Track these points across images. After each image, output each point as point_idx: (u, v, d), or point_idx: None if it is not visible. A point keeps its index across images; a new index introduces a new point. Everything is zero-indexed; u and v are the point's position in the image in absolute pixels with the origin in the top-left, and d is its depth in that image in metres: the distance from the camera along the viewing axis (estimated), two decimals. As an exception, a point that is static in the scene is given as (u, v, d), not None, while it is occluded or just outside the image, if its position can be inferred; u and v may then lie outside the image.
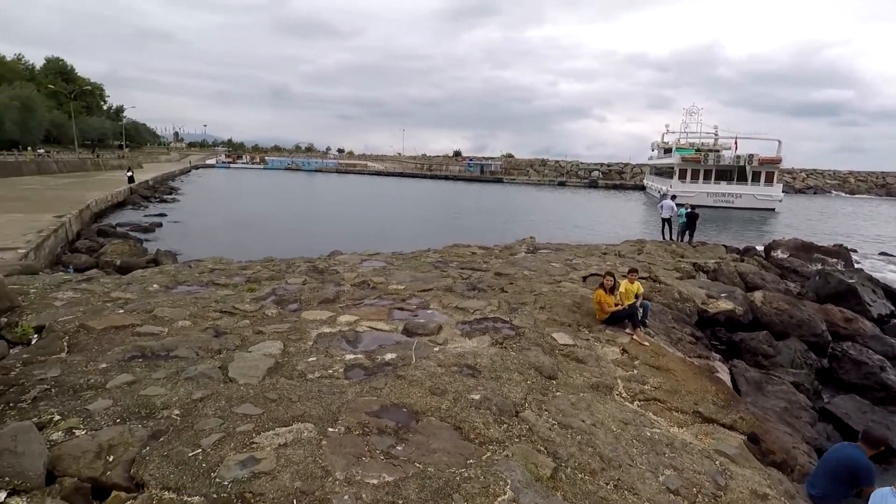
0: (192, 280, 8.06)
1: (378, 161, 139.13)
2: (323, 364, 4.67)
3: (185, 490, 2.86)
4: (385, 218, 36.88)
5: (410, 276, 8.49)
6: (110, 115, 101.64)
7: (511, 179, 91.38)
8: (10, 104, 54.36)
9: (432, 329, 5.64)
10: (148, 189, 47.46)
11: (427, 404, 3.85)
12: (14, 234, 16.53)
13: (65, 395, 4.03)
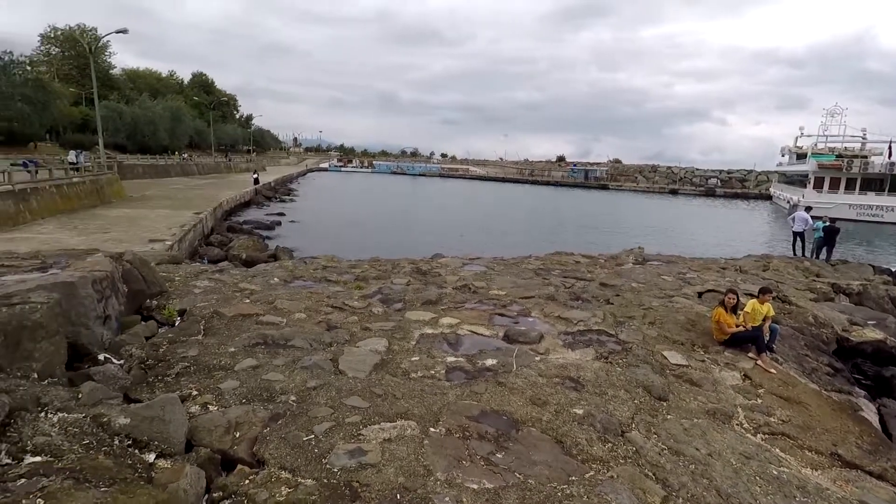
0: (308, 276, 8.65)
1: (480, 166, 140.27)
2: (425, 364, 4.78)
3: (299, 472, 3.06)
4: (485, 223, 37.03)
5: (511, 282, 8.44)
6: (241, 122, 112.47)
7: (617, 186, 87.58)
8: (163, 114, 62.20)
9: (534, 337, 5.55)
10: (270, 190, 51.81)
11: (528, 414, 3.80)
12: (162, 228, 18.86)
13: (201, 373, 4.51)
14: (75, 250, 8.19)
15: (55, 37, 63.30)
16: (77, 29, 61.42)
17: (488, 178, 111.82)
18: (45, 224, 19.10)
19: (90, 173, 27.97)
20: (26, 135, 46.95)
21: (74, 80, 60.42)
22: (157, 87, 77.03)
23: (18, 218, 19.21)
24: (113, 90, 62.47)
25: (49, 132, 52.97)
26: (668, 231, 32.07)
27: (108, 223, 19.54)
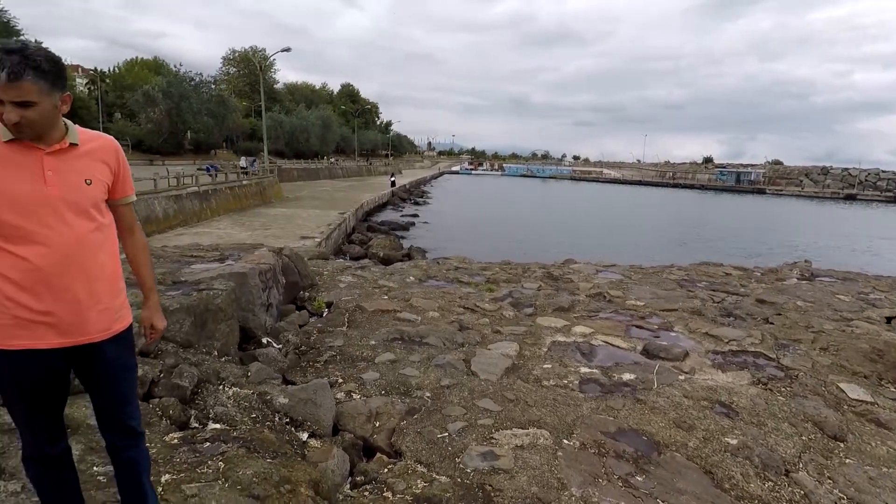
0: (440, 276, 8.94)
1: (615, 168, 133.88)
2: (558, 373, 4.66)
3: (434, 468, 3.16)
4: (620, 228, 35.28)
5: (651, 292, 7.91)
6: (381, 128, 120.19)
7: (777, 191, 77.87)
8: (315, 123, 68.72)
9: (677, 354, 5.14)
10: (405, 192, 54.65)
11: (671, 437, 3.51)
12: (312, 226, 20.81)
13: (345, 363, 4.87)
14: (244, 244, 9.36)
15: (233, 58, 73.09)
16: (250, 50, 70.40)
17: (624, 181, 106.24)
18: (221, 221, 22.15)
19: (256, 176, 31.83)
20: (209, 143, 54.94)
21: (246, 95, 69.22)
22: (311, 98, 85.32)
23: (202, 215, 22.49)
24: (276, 102, 70.45)
25: (225, 141, 61.34)
26: (844, 243, 27.78)
27: (269, 221, 22.09)
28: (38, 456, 1.82)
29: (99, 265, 1.74)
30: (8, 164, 1.55)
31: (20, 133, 1.54)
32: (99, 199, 1.76)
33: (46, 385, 1.72)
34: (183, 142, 52.10)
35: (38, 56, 1.50)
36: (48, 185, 1.60)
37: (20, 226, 1.56)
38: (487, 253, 15.51)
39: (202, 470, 2.75)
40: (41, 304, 1.61)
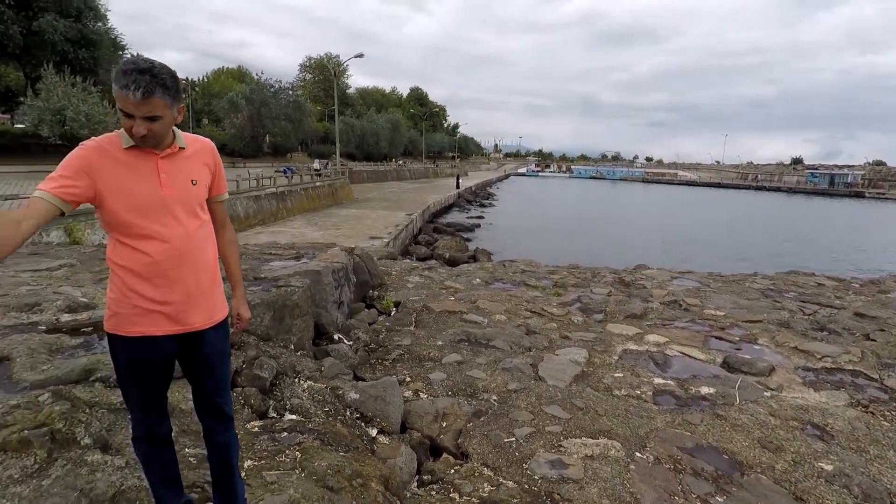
0: (507, 278, 8.88)
1: (691, 170, 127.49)
2: (630, 382, 4.50)
3: (501, 472, 3.14)
4: (696, 233, 33.58)
5: (732, 301, 7.45)
6: (448, 131, 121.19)
7: (879, 194, 71.12)
8: (384, 126, 70.44)
9: (762, 369, 4.81)
10: (471, 194, 54.77)
11: (755, 457, 3.29)
12: (380, 227, 21.33)
13: (413, 361, 4.95)
14: (318, 244, 9.74)
15: (309, 65, 76.37)
16: (325, 57, 73.29)
17: (701, 183, 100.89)
18: (296, 220, 23.20)
19: (328, 178, 33.07)
20: (286, 147, 57.70)
21: (320, 100, 72.11)
22: (381, 102, 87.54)
23: (278, 214, 23.67)
24: (348, 107, 72.94)
25: (301, 144, 64.19)
26: (956, 253, 25.04)
27: (339, 221, 22.89)
28: (148, 436, 1.99)
29: (205, 259, 1.91)
30: (129, 168, 1.71)
31: (144, 143, 1.70)
32: (202, 198, 1.93)
33: (159, 369, 1.90)
34: (262, 145, 55.08)
35: (164, 74, 1.64)
36: (163, 187, 1.76)
37: (141, 224, 1.73)
38: (554, 256, 15.23)
39: (281, 458, 2.89)
40: (158, 295, 1.78)
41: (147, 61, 1.63)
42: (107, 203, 1.68)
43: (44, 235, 11.56)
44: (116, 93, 1.61)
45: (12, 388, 2.95)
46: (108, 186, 1.68)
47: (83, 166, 1.63)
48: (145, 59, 1.64)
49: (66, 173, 1.61)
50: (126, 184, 1.70)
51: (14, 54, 31.75)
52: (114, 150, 1.70)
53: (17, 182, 20.58)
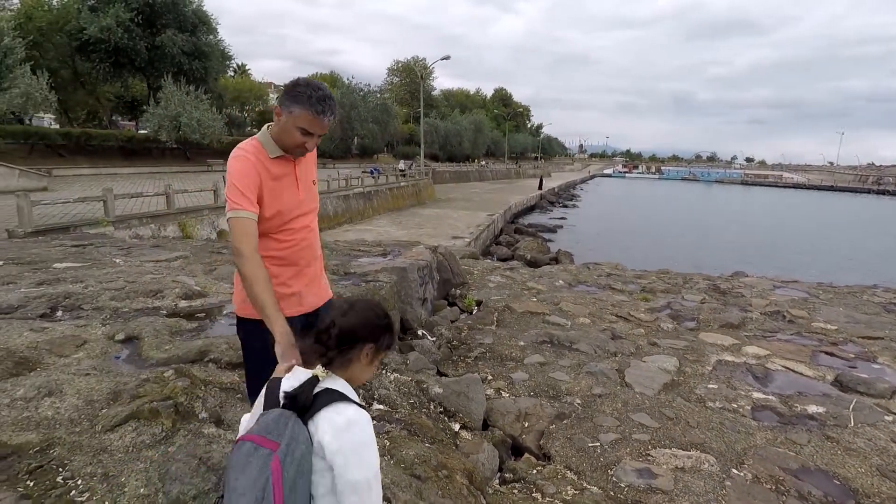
0: (591, 281, 8.66)
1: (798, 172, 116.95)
2: (725, 395, 4.24)
3: (584, 476, 3.10)
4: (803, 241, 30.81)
5: (846, 315, 6.78)
6: (531, 131, 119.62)
7: None
8: (468, 127, 70.90)
9: (882, 390, 4.35)
10: (553, 195, 53.79)
11: (873, 486, 2.99)
12: (462, 227, 21.54)
13: (494, 360, 4.98)
14: (402, 241, 10.05)
15: (397, 69, 78.59)
16: (412, 60, 75.09)
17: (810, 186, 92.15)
18: (381, 219, 24.00)
19: (412, 178, 33.87)
20: (373, 148, 59.80)
21: (406, 102, 73.97)
22: (465, 104, 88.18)
23: (365, 213, 24.62)
24: (432, 108, 74.18)
25: (387, 145, 66.25)
26: None
27: (422, 220, 23.38)
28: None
29: (318, 248, 2.17)
30: (279, 175, 1.92)
31: (301, 154, 1.94)
32: (317, 195, 2.18)
33: None
34: (350, 147, 57.49)
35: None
36: (300, 191, 2.00)
37: (286, 222, 1.97)
38: (642, 261, 14.60)
39: (370, 444, 3.04)
40: (291, 281, 2.02)
41: (323, 86, 1.83)
42: (262, 207, 1.89)
43: (161, 230, 12.88)
44: (309, 116, 1.78)
45: (142, 363, 3.35)
46: (265, 193, 1.90)
47: (256, 183, 1.84)
48: (321, 84, 1.86)
49: (250, 191, 1.82)
50: (276, 190, 1.90)
51: (140, 67, 35.56)
52: (264, 159, 1.88)
53: (142, 181, 23.05)
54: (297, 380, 1.20)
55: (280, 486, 1.00)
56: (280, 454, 1.03)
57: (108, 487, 2.14)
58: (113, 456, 2.33)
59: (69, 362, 3.17)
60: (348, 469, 1.10)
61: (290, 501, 1.02)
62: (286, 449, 1.05)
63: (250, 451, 1.05)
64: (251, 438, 1.08)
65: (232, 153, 1.87)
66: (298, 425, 1.10)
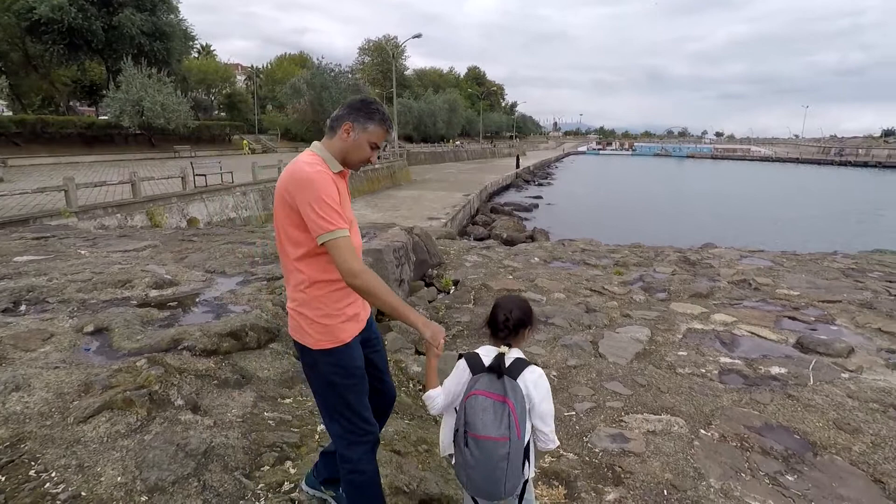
0: (566, 257, 8.78)
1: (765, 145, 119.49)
2: (694, 361, 4.40)
3: (561, 444, 3.18)
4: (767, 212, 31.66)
5: (808, 281, 7.04)
6: (506, 110, 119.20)
7: (984, 165, 64.02)
8: (442, 107, 70.19)
9: (839, 350, 4.55)
10: (529, 174, 53.94)
11: (830, 439, 3.16)
12: (438, 207, 21.50)
13: (473, 338, 5.05)
14: (378, 223, 10.00)
15: (368, 48, 77.01)
16: (383, 39, 73.65)
17: (776, 159, 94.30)
18: (356, 202, 23.74)
19: (387, 161, 33.54)
20: (345, 130, 58.77)
21: (379, 82, 72.74)
22: (438, 83, 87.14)
23: (339, 197, 24.32)
24: (405, 88, 73.11)
25: (359, 128, 65.06)
26: None
27: (398, 202, 23.25)
28: (376, 439, 1.99)
29: None
30: (342, 192, 1.87)
31: (363, 167, 2.00)
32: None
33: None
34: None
35: None
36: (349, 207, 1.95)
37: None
38: (615, 236, 14.84)
39: (349, 423, 3.07)
40: (356, 301, 1.92)
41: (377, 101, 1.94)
42: None
43: (128, 219, 12.54)
44: (377, 131, 1.87)
45: (113, 354, 3.30)
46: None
47: (338, 199, 1.79)
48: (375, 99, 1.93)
49: (339, 207, 1.76)
50: (343, 207, 1.82)
51: (97, 49, 34.06)
52: (329, 173, 1.81)
53: (105, 170, 22.29)
54: (490, 356, 1.70)
55: (515, 415, 1.57)
56: (510, 399, 1.58)
57: (84, 478, 2.13)
58: (87, 447, 2.31)
59: (36, 356, 3.10)
60: (542, 403, 1.68)
61: (521, 424, 1.58)
62: (513, 396, 1.59)
63: (483, 401, 1.59)
64: (481, 393, 1.61)
65: (304, 168, 1.75)
66: (512, 381, 1.62)
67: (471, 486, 1.64)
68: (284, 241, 1.81)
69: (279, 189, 1.77)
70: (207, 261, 5.72)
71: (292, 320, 1.89)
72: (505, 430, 1.55)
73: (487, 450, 1.56)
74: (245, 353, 3.54)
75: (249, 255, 5.96)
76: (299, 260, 1.79)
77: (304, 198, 1.69)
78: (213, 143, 43.43)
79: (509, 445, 1.55)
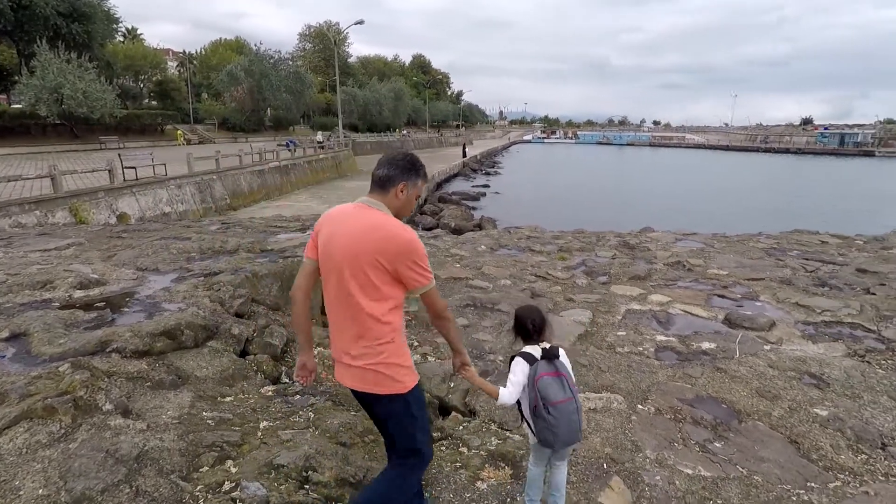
0: (512, 245, 8.94)
1: (699, 133, 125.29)
2: (633, 340, 4.59)
3: (507, 426, 3.26)
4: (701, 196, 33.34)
5: (735, 261, 7.49)
6: (452, 99, 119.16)
7: (889, 153, 69.82)
8: (387, 95, 69.30)
9: (762, 324, 4.88)
10: (476, 163, 54.27)
11: (753, 406, 3.39)
12: (385, 197, 21.26)
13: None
14: (323, 215, 9.80)
15: (309, 34, 74.80)
16: (325, 25, 71.64)
17: (708, 146, 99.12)
18: (300, 194, 23.19)
19: (332, 151, 32.85)
20: (288, 120, 57.04)
21: (321, 70, 70.94)
22: (383, 71, 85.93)
23: (283, 188, 23.61)
24: (349, 76, 71.67)
25: (302, 116, 63.39)
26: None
27: (345, 193, 22.86)
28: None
29: None
30: None
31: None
32: None
33: None
34: (263, 119, 54.54)
35: None
36: None
37: None
38: (560, 222, 15.21)
39: (295, 419, 3.01)
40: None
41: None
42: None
43: (49, 216, 11.70)
44: (422, 185, 2.06)
45: (32, 361, 3.08)
46: None
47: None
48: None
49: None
50: None
51: (6, 31, 31.32)
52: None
53: (20, 163, 20.66)
54: (535, 351, 2.20)
55: (570, 382, 2.16)
56: (563, 372, 2.16)
57: (0, 493, 1.98)
58: (3, 460, 2.15)
59: (-57, 365, 2.85)
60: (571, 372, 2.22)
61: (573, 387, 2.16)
62: (564, 370, 2.17)
63: (548, 379, 2.11)
64: (544, 374, 2.13)
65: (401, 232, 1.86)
66: (559, 361, 2.19)
67: (558, 441, 2.13)
68: (364, 299, 1.85)
69: (366, 248, 1.82)
70: (139, 258, 5.43)
71: (375, 375, 1.90)
72: (568, 393, 2.12)
73: (563, 410, 2.09)
74: (181, 352, 3.39)
75: (185, 251, 5.70)
76: (388, 314, 1.89)
77: (408, 258, 1.84)
78: (143, 133, 41.10)
79: (574, 403, 2.13)
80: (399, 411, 1.98)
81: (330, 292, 1.95)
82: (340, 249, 1.85)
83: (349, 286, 1.84)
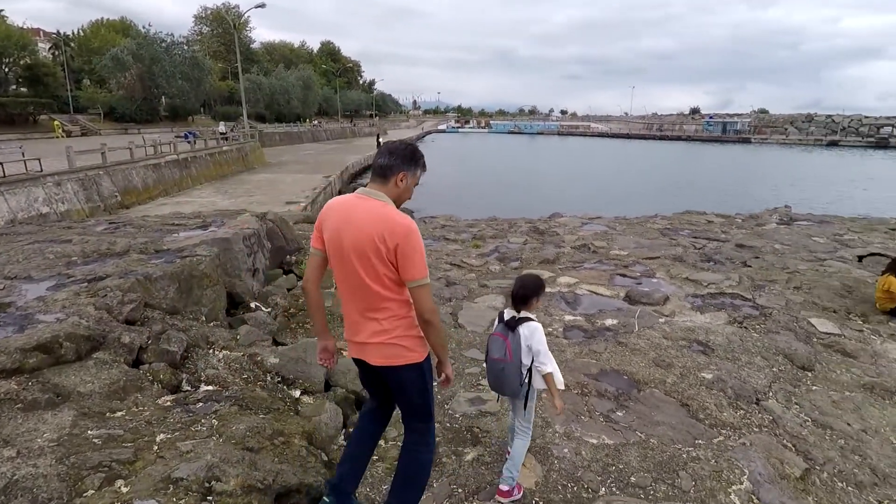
0: (427, 234, 8.97)
1: (602, 122, 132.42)
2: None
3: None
4: (606, 181, 35.35)
5: (634, 241, 8.03)
6: (364, 88, 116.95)
7: (762, 140, 77.78)
8: (295, 84, 66.57)
9: (658, 299, 5.28)
10: (390, 153, 53.52)
11: (650, 375, 3.66)
12: (297, 191, 20.56)
13: (335, 323, 4.93)
14: (227, 211, 9.26)
15: (205, 17, 69.90)
16: (223, 7, 67.19)
17: (611, 134, 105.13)
18: (203, 189, 21.78)
19: (237, 142, 31.14)
20: (186, 109, 53.13)
21: (222, 56, 66.68)
22: (290, 58, 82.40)
23: (182, 183, 22.07)
24: (253, 63, 67.98)
25: (203, 106, 59.34)
26: (823, 188, 28.15)
27: (252, 187, 21.77)
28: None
29: None
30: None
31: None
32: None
33: None
34: (158, 108, 50.40)
35: None
36: None
37: None
38: (474, 210, 15.49)
39: (196, 428, 2.82)
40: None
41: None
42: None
43: None
44: (421, 174, 2.12)
45: None
46: None
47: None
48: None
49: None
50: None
51: None
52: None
53: None
54: (510, 315, 2.49)
55: (509, 347, 2.41)
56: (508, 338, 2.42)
57: None
58: None
59: None
60: (534, 344, 2.41)
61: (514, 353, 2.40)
62: (511, 337, 2.42)
63: (494, 338, 2.49)
64: (495, 334, 2.51)
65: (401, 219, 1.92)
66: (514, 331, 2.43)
67: (490, 385, 2.56)
68: (374, 283, 1.96)
69: (368, 235, 1.90)
70: (6, 265, 4.83)
71: (392, 348, 2.04)
72: (503, 355, 2.41)
73: (492, 366, 2.49)
74: (60, 367, 3.06)
75: (65, 255, 5.15)
76: (397, 293, 2.00)
77: (411, 245, 1.90)
78: (11, 124, 36.59)
79: (503, 364, 2.41)
80: (415, 379, 2.13)
81: (341, 278, 2.08)
82: (347, 238, 1.95)
83: (359, 272, 1.96)
